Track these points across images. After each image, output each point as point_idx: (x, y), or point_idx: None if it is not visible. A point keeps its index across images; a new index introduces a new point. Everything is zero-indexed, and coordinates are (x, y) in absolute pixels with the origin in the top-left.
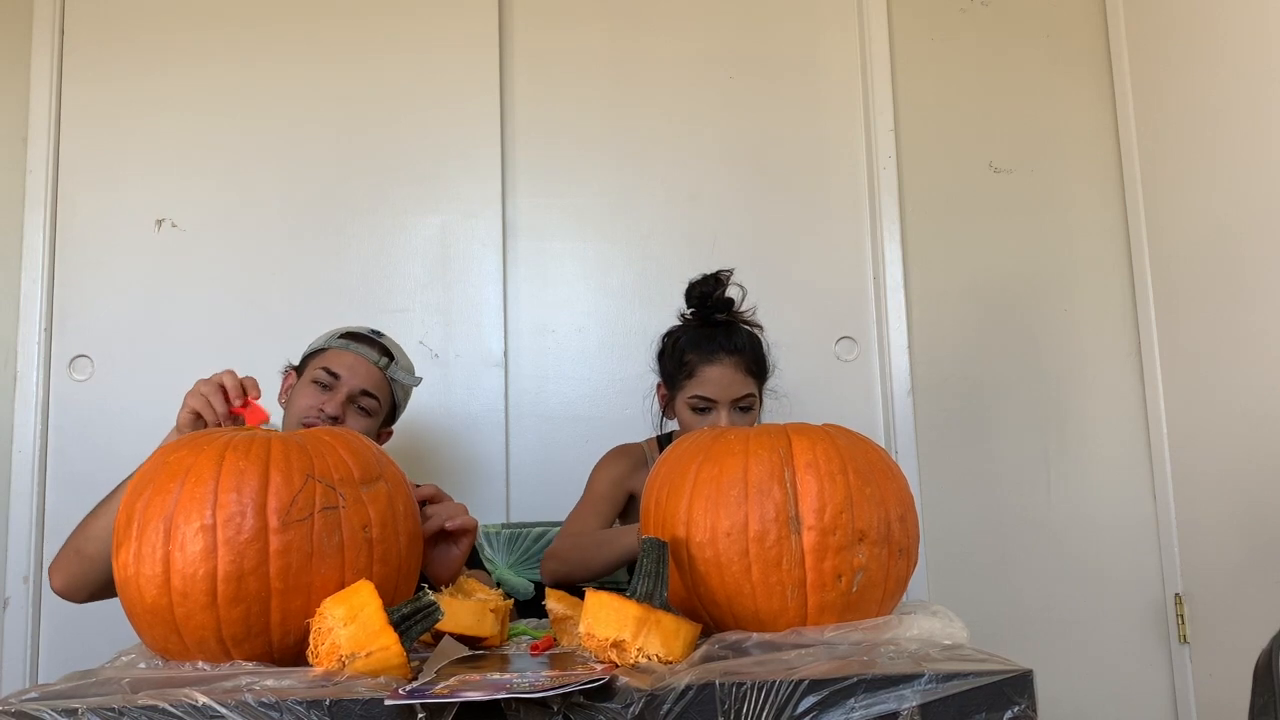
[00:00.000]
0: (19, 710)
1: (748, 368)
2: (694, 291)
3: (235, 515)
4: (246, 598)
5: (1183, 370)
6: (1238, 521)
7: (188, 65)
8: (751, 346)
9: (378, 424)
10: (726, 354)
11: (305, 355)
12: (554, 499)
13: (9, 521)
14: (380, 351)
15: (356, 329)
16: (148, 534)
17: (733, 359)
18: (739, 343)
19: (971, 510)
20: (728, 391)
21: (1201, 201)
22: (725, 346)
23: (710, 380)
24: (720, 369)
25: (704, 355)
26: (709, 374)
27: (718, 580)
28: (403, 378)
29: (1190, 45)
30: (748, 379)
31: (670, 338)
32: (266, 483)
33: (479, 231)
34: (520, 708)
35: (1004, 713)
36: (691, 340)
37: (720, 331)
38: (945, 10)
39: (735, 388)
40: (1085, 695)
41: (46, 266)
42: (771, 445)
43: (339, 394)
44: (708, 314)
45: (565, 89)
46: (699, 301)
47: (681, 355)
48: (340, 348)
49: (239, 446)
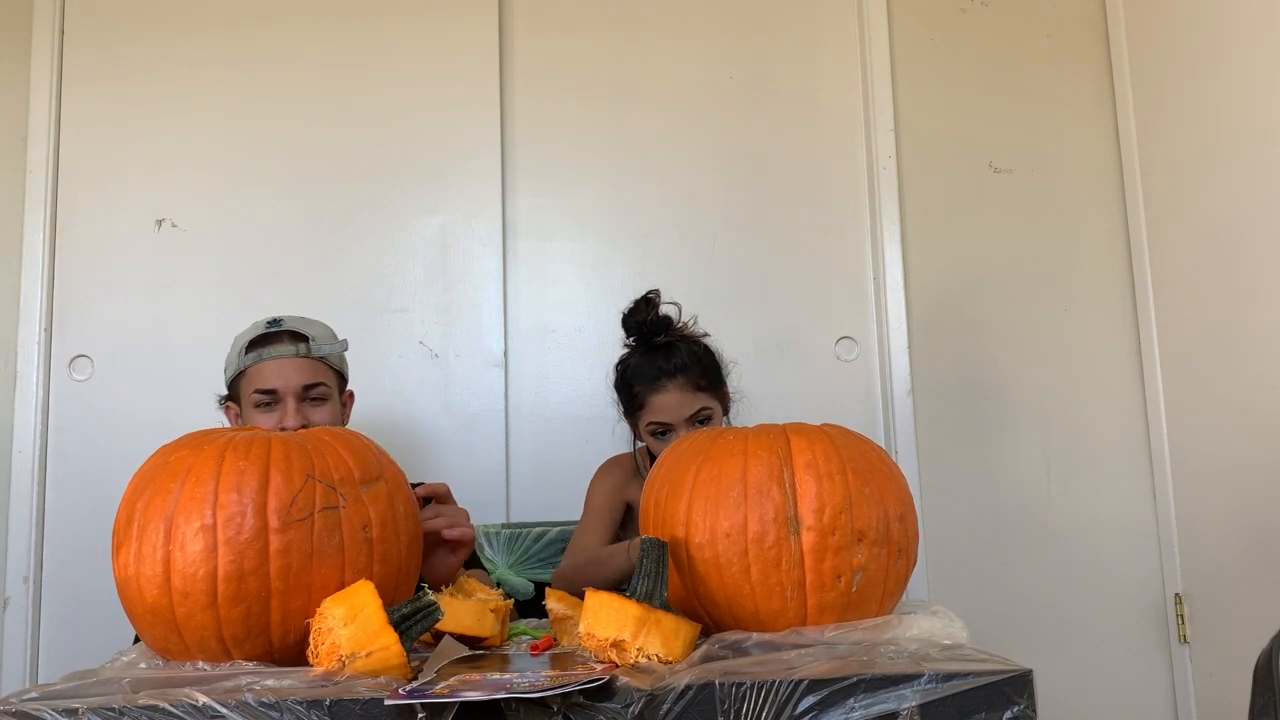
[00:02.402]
0: (19, 710)
1: (695, 384)
2: (629, 320)
3: (235, 515)
4: (247, 597)
5: (1183, 370)
6: (1238, 521)
7: (188, 66)
8: (696, 361)
9: (338, 399)
10: (669, 378)
11: (229, 382)
12: (553, 499)
13: (9, 521)
14: (292, 340)
15: (257, 333)
16: (148, 534)
17: (677, 381)
18: (679, 362)
19: (971, 510)
20: (679, 413)
21: (1201, 201)
22: (666, 370)
23: (660, 407)
24: (666, 395)
25: (649, 384)
26: (658, 402)
27: (717, 581)
28: (328, 350)
29: (1190, 45)
30: (697, 395)
31: (619, 368)
32: (267, 482)
33: (479, 231)
34: (520, 708)
35: (1004, 712)
36: (635, 370)
37: (660, 355)
38: (945, 10)
39: (686, 407)
40: (1085, 695)
41: (46, 266)
42: (770, 446)
43: (287, 405)
44: (646, 338)
45: (565, 90)
46: (636, 329)
47: (630, 388)
48: (254, 362)
49: (239, 446)
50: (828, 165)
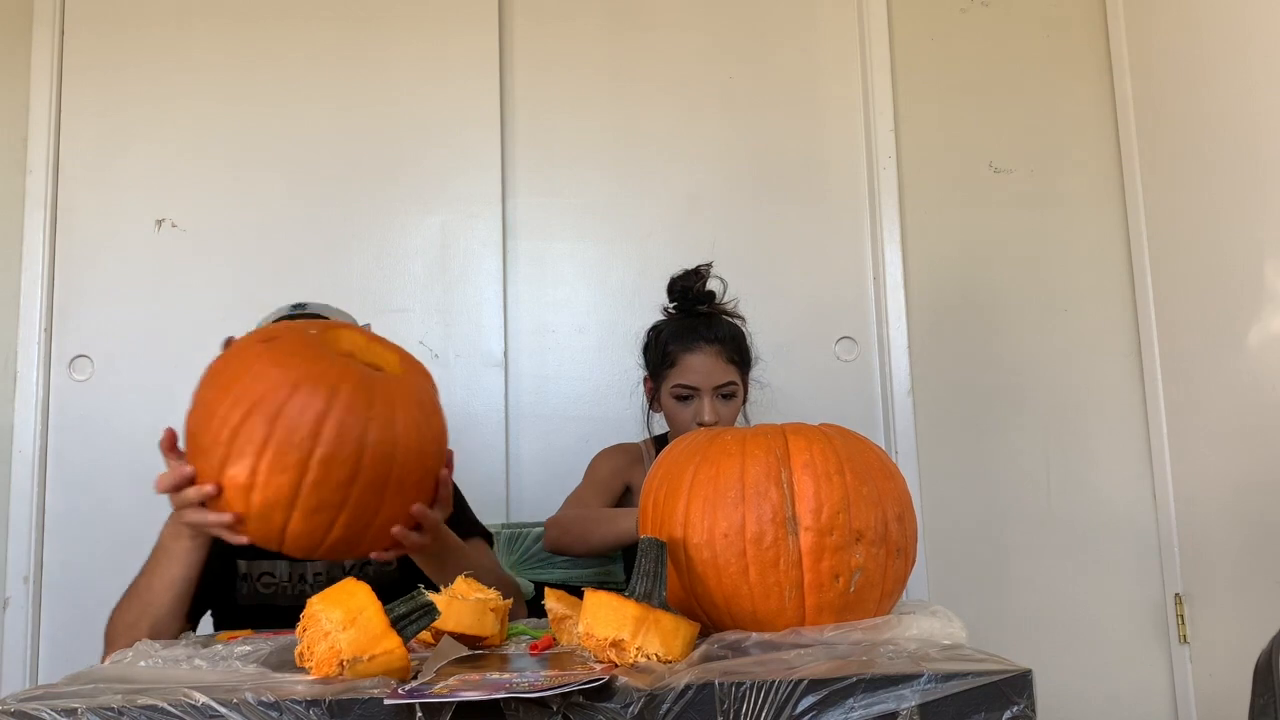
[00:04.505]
0: (19, 710)
1: (729, 356)
2: (675, 285)
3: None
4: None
5: (1183, 370)
6: (1238, 521)
7: (188, 65)
8: (733, 336)
9: None
10: (707, 343)
11: None
12: (554, 499)
13: (9, 521)
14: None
15: (279, 316)
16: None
17: (713, 347)
18: (719, 332)
19: (971, 510)
20: (709, 379)
21: (1202, 201)
22: (705, 336)
23: (691, 368)
24: (701, 357)
25: (685, 344)
26: (690, 362)
27: (715, 581)
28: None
29: (1190, 45)
30: (729, 366)
31: (654, 330)
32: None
33: (479, 231)
34: (520, 707)
35: (1003, 713)
36: (673, 331)
37: (701, 322)
38: (945, 10)
39: (716, 375)
40: (1085, 695)
41: (46, 266)
42: (768, 446)
43: None
44: (689, 306)
45: (566, 90)
46: (680, 295)
47: (665, 346)
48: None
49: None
50: (828, 165)
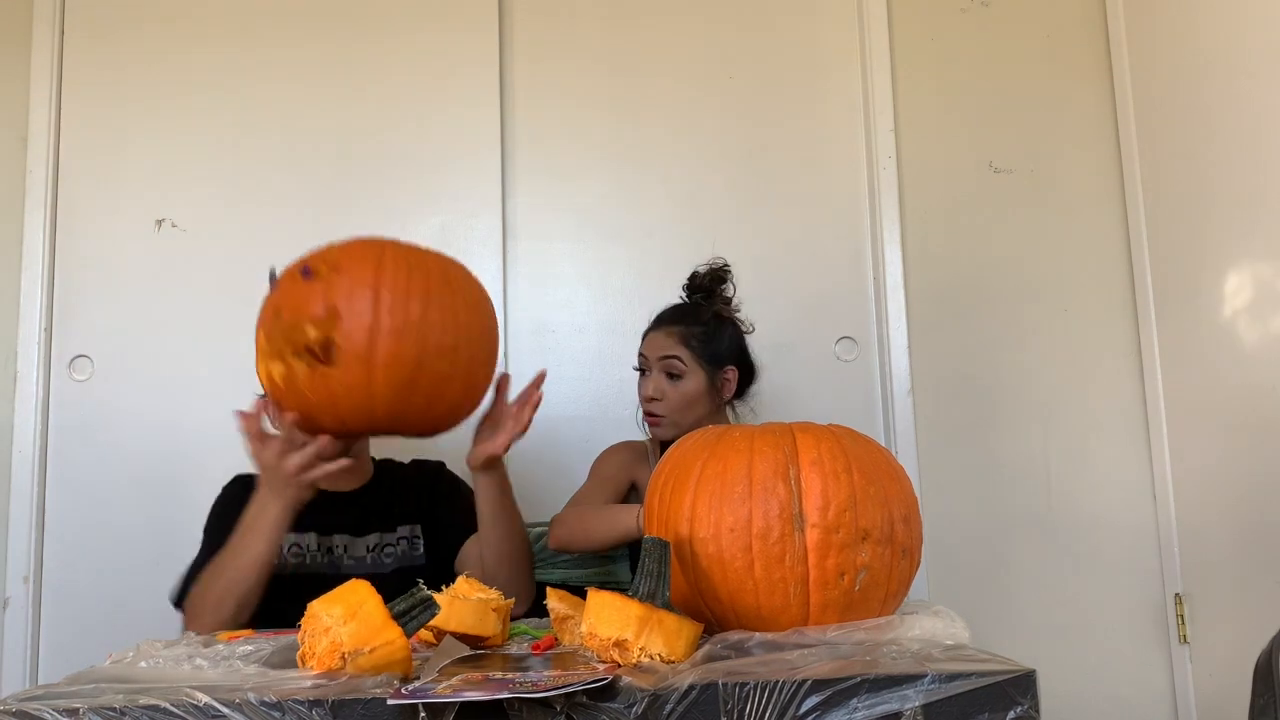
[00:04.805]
0: (19, 710)
1: (680, 336)
2: (691, 277)
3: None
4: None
5: (1183, 370)
6: (1238, 521)
7: (188, 66)
8: (700, 323)
9: None
10: (661, 322)
11: None
12: (554, 500)
13: (9, 521)
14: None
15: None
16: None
17: (665, 327)
18: (681, 314)
19: (971, 510)
20: (653, 350)
21: (1201, 201)
22: (664, 316)
23: (645, 341)
24: (654, 333)
25: (650, 325)
26: (646, 338)
27: (720, 576)
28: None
29: (1190, 46)
30: (677, 345)
31: None
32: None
33: (479, 231)
34: (523, 707)
35: (1007, 713)
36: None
37: (675, 307)
38: (945, 10)
39: (658, 347)
40: (1085, 695)
41: (46, 266)
42: (776, 443)
43: None
44: (689, 294)
45: (565, 89)
46: (688, 284)
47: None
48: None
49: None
50: (828, 165)
